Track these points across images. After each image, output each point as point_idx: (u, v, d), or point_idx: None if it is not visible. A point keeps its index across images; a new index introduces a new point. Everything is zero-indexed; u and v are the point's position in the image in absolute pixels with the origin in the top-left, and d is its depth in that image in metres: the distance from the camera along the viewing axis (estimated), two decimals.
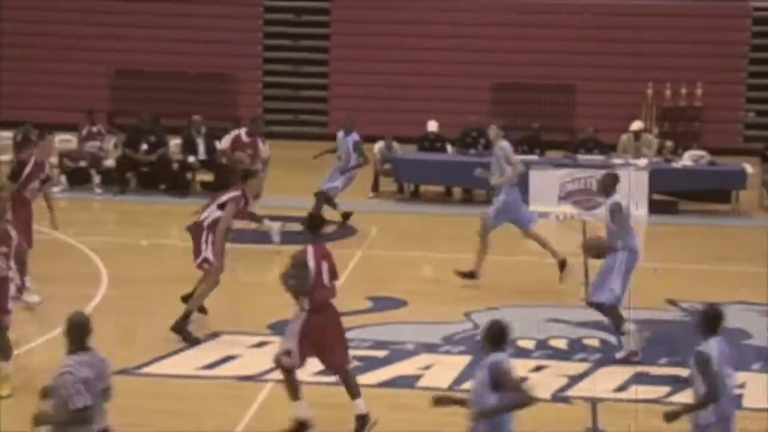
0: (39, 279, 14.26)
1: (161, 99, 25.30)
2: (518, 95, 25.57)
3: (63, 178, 19.98)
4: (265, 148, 16.93)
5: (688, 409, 7.99)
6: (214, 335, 12.73)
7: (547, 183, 19.60)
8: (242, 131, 16.82)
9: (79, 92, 24.79)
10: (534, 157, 20.41)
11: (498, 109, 25.28)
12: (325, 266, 10.13)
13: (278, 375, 11.53)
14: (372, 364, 12.02)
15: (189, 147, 20.17)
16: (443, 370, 11.90)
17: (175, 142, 20.43)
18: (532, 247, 15.29)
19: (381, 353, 12.36)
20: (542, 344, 12.75)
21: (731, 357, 8.06)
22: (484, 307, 13.90)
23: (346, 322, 13.10)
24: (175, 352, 12.18)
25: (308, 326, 9.99)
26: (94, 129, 20.27)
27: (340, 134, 18.36)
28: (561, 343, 12.83)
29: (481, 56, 25.63)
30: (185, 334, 12.26)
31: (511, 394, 7.62)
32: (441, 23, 25.79)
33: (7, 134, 20.58)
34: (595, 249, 12.19)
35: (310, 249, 10.14)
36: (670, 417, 8.02)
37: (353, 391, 10.19)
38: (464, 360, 12.13)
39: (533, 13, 26.10)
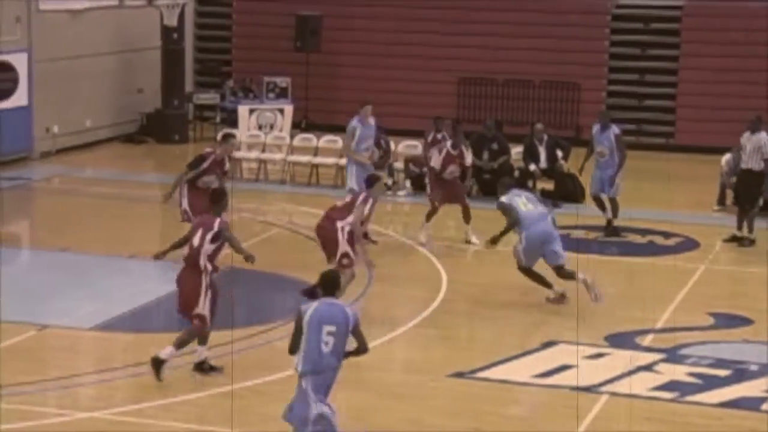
0: (385, 280, 14.73)
1: (505, 107, 25.53)
2: None
3: (407, 183, 20.49)
4: (468, 155, 17.10)
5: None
6: (551, 344, 12.67)
7: None
8: (448, 144, 16.88)
9: (425, 99, 25.37)
10: None
11: None
12: (198, 232, 11.24)
13: (613, 388, 11.38)
14: (712, 382, 11.60)
15: (530, 155, 20.21)
16: None
17: (516, 150, 20.53)
18: None
19: (722, 372, 11.91)
20: None
21: (330, 319, 8.59)
22: None
23: (685, 337, 12.83)
24: (512, 358, 12.21)
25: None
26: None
27: (596, 129, 17.76)
28: None
29: None
30: None
31: None
32: None
33: None
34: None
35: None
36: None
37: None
38: None
39: None
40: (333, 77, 26.23)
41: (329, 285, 8.75)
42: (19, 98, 21.85)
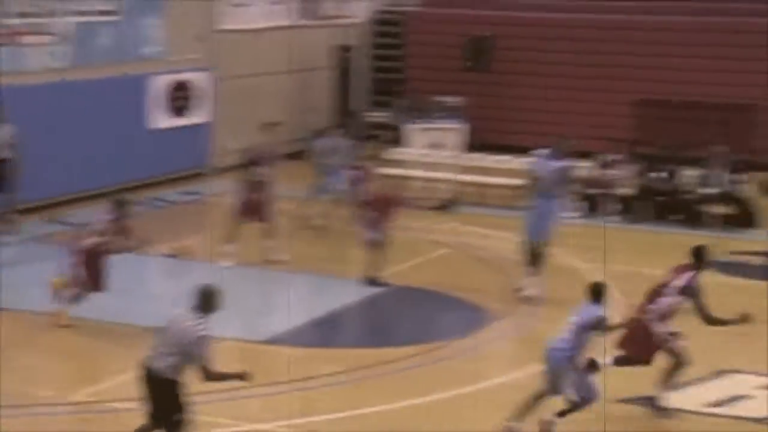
0: (554, 303, 14.52)
1: (681, 129, 24.87)
2: None
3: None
4: None
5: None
6: (723, 372, 12.31)
7: None
8: None
9: (602, 120, 25.05)
10: None
11: None
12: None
13: None
14: None
15: (706, 179, 19.73)
16: None
17: (691, 173, 20.05)
18: None
19: None
20: None
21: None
22: None
23: None
24: (682, 387, 11.87)
25: None
26: (610, 158, 20.38)
27: None
28: None
29: None
30: None
31: None
32: None
33: None
34: None
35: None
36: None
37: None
38: None
39: None
40: (504, 97, 26.15)
41: (594, 293, 10.56)
42: None
